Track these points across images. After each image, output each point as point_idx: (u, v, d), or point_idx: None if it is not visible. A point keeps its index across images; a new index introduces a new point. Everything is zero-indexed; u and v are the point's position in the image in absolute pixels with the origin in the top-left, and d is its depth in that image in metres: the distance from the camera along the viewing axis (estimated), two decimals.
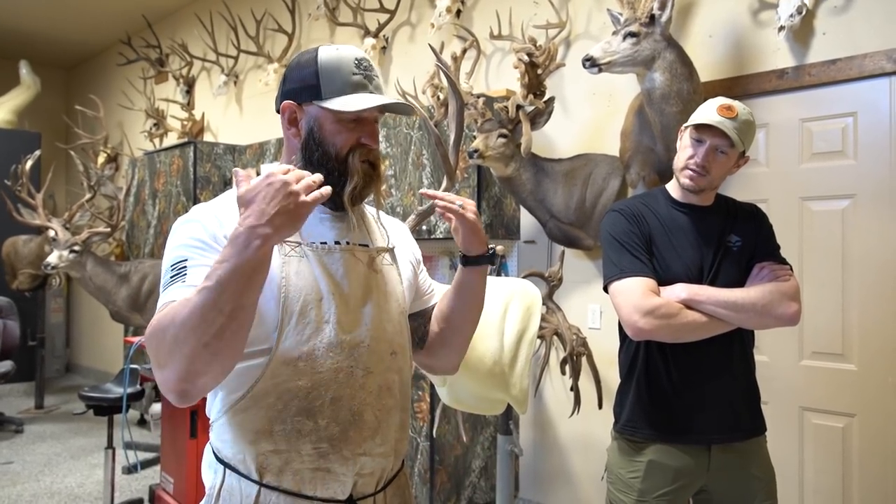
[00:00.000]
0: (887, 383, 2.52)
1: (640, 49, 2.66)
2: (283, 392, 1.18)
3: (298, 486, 1.20)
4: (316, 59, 1.25)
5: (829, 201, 2.68)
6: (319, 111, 1.25)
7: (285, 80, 1.30)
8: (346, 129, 1.25)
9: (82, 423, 5.75)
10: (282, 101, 1.29)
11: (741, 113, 1.77)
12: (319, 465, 1.20)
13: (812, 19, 2.69)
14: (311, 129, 1.25)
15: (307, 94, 1.25)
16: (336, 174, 1.24)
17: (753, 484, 1.83)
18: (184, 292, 1.07)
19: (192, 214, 1.22)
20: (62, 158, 7.63)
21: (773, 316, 1.76)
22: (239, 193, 1.05)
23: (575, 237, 3.28)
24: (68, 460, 4.85)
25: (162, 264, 1.18)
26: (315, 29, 5.02)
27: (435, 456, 3.37)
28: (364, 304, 1.28)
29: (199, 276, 1.07)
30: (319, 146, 1.25)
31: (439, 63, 1.93)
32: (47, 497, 4.12)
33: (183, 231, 1.19)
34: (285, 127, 1.29)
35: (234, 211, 1.13)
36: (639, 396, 1.86)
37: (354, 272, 1.28)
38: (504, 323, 2.27)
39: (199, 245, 1.16)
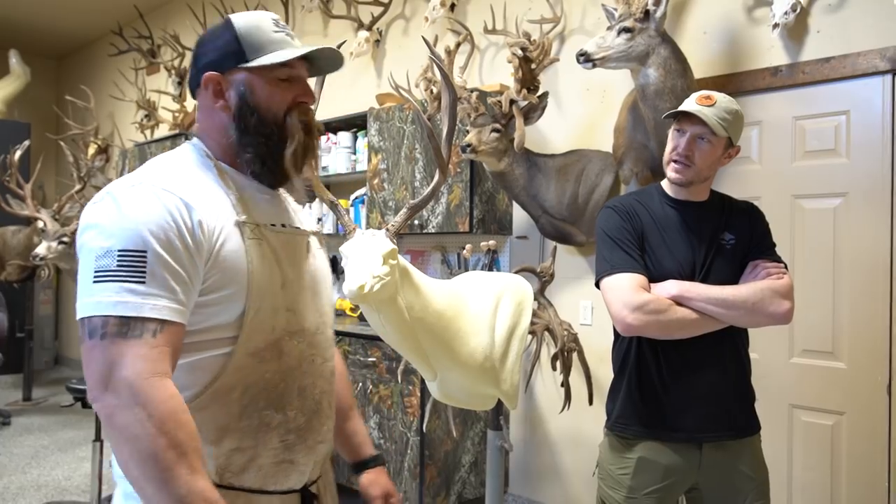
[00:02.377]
0: (876, 382, 2.53)
1: (634, 45, 2.65)
2: (250, 385, 1.12)
3: (260, 483, 1.14)
4: (231, 25, 1.19)
5: (821, 199, 2.69)
6: (248, 75, 1.17)
7: (198, 57, 1.21)
8: (279, 89, 1.19)
9: (70, 415, 5.72)
10: (199, 77, 1.19)
11: (720, 101, 1.77)
12: (284, 457, 1.16)
13: (806, 17, 2.69)
14: (243, 95, 1.17)
15: (230, 60, 1.17)
16: (275, 139, 1.19)
17: (745, 483, 1.83)
18: (158, 307, 0.99)
19: (151, 193, 1.05)
20: (52, 149, 7.57)
21: (764, 314, 1.76)
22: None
23: (567, 233, 3.27)
24: (56, 453, 4.82)
25: (91, 239, 1.02)
26: (308, 21, 4.99)
27: (425, 451, 3.37)
28: (311, 289, 1.25)
29: (163, 283, 1.00)
30: (255, 111, 1.17)
31: (433, 57, 1.91)
32: (34, 490, 4.10)
33: (138, 212, 1.03)
34: (209, 101, 1.19)
35: (202, 191, 1.11)
36: (629, 393, 1.86)
37: (299, 256, 1.25)
38: (495, 318, 2.27)
39: (162, 237, 1.02)
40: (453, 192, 3.53)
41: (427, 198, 1.84)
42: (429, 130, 1.83)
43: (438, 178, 1.86)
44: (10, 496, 3.99)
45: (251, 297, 1.11)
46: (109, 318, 0.97)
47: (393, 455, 3.45)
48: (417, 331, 1.99)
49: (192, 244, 1.05)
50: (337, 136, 4.35)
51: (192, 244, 1.05)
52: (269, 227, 1.20)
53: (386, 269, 1.68)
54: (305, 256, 1.27)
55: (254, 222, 1.16)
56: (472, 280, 2.36)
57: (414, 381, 3.36)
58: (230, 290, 1.10)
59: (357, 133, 4.29)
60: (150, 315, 0.99)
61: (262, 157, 1.19)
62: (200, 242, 1.07)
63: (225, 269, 1.10)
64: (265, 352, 1.13)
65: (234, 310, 1.10)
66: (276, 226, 1.21)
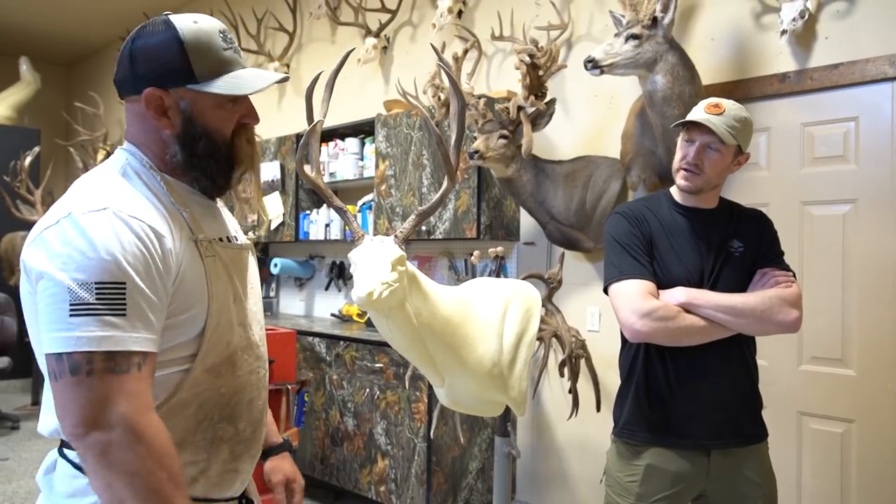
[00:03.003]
0: (886, 389, 2.52)
1: (642, 51, 2.65)
2: (206, 400, 1.12)
3: (206, 492, 1.15)
4: (176, 35, 1.10)
5: (830, 206, 2.68)
6: (196, 97, 1.12)
7: (133, 63, 1.12)
8: (226, 111, 1.16)
9: None
10: (137, 86, 1.12)
11: (729, 109, 1.77)
12: (231, 467, 1.18)
13: (815, 23, 2.69)
14: (190, 118, 1.12)
15: (175, 78, 1.10)
16: (224, 161, 1.17)
17: (753, 490, 1.82)
18: (140, 340, 0.98)
19: (119, 221, 1.01)
20: (61, 155, 7.62)
21: (772, 322, 1.75)
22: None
23: (575, 239, 3.27)
24: None
25: (57, 269, 0.96)
26: (316, 28, 5.01)
27: (432, 457, 3.36)
28: (254, 302, 1.27)
29: (143, 315, 0.99)
30: (203, 135, 1.14)
31: (441, 63, 1.91)
32: None
33: (110, 241, 0.99)
34: (146, 116, 1.13)
35: (158, 213, 1.08)
36: (637, 399, 1.86)
37: (244, 270, 1.25)
38: (503, 325, 2.27)
39: (139, 267, 1.00)
40: (461, 199, 3.54)
41: (436, 204, 1.85)
42: (437, 137, 1.84)
43: (447, 185, 1.86)
44: (20, 500, 4.01)
45: (211, 314, 1.11)
46: (94, 353, 0.95)
47: (400, 461, 3.45)
48: (425, 337, 1.99)
49: (164, 271, 1.05)
50: (344, 143, 4.37)
51: (164, 271, 1.05)
52: (218, 241, 1.19)
53: (394, 276, 1.69)
54: (247, 269, 1.28)
55: (207, 239, 1.16)
56: (480, 286, 2.36)
57: (421, 387, 3.36)
58: (194, 310, 1.10)
59: (364, 139, 4.31)
60: (135, 348, 0.98)
61: (211, 176, 1.18)
62: (169, 269, 1.06)
63: (189, 290, 1.09)
64: (220, 367, 1.14)
65: (195, 328, 1.10)
66: (223, 240, 1.22)
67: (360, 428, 3.67)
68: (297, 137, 4.49)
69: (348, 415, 3.74)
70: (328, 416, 3.86)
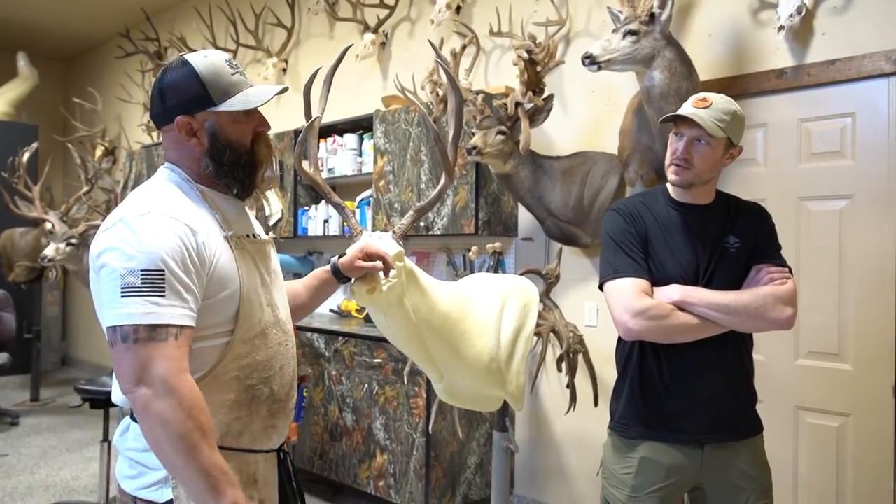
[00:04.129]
0: (882, 384, 2.53)
1: (639, 47, 2.65)
2: (245, 366, 1.35)
3: (250, 444, 1.39)
4: (192, 70, 1.35)
5: (826, 201, 2.69)
6: (217, 116, 1.37)
7: (164, 99, 1.38)
8: (243, 124, 1.41)
9: (78, 416, 5.75)
10: (170, 117, 1.37)
11: (717, 102, 1.78)
12: (269, 423, 1.42)
13: (812, 19, 2.69)
14: (215, 135, 1.38)
15: (197, 104, 1.36)
16: (248, 166, 1.42)
17: (748, 482, 1.83)
18: (177, 315, 1.21)
19: (162, 221, 1.26)
20: (60, 151, 7.61)
21: (766, 320, 1.76)
22: None
23: (573, 235, 3.28)
24: (64, 453, 4.85)
25: (114, 259, 1.21)
26: (314, 24, 5.01)
27: (430, 452, 3.38)
28: (278, 287, 1.51)
29: (179, 296, 1.22)
30: (228, 147, 1.39)
31: (439, 59, 1.92)
32: (42, 490, 4.12)
33: (154, 238, 1.23)
34: (181, 139, 1.38)
35: (196, 215, 1.33)
36: (632, 394, 1.87)
37: (267, 260, 1.49)
38: (501, 320, 2.28)
39: (176, 258, 1.24)
40: (459, 194, 3.54)
41: (433, 200, 1.86)
42: (435, 133, 1.85)
43: (445, 181, 1.87)
44: (19, 496, 4.02)
45: (243, 296, 1.35)
46: (139, 326, 1.19)
47: (399, 456, 3.46)
48: (423, 332, 2.00)
49: (198, 261, 1.28)
50: (343, 138, 4.37)
51: (198, 261, 1.28)
52: (246, 237, 1.44)
53: (392, 272, 1.70)
54: (271, 260, 1.52)
55: (237, 235, 1.41)
56: (478, 282, 2.37)
57: (419, 382, 3.37)
58: (226, 292, 1.33)
59: (363, 135, 4.31)
60: (172, 322, 1.21)
61: (240, 180, 1.43)
62: (203, 259, 1.29)
63: (221, 277, 1.33)
64: (255, 339, 1.37)
65: (231, 308, 1.34)
66: (249, 236, 1.46)
67: (358, 423, 3.69)
68: (296, 133, 4.49)
69: (347, 410, 3.75)
70: (327, 411, 3.87)
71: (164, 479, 1.29)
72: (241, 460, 1.36)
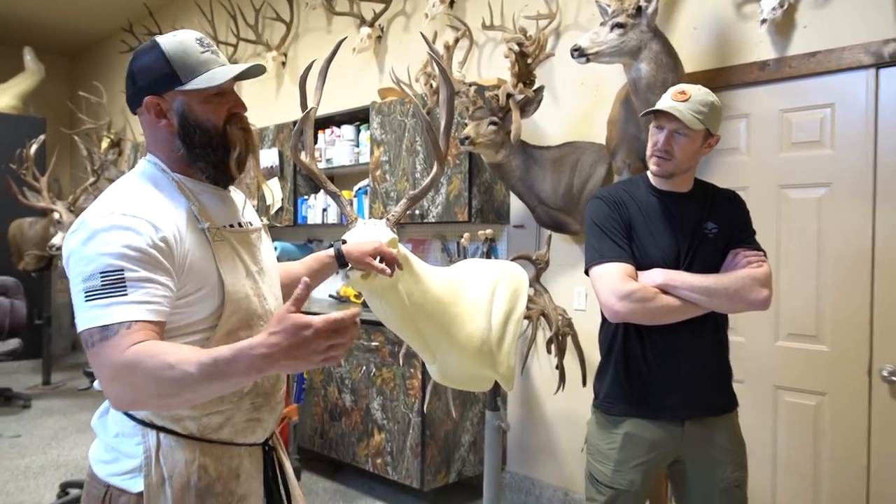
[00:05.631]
0: (858, 364, 2.55)
1: (626, 40, 2.65)
2: None
3: (232, 437, 1.31)
4: (160, 50, 1.26)
5: (806, 189, 2.69)
6: (184, 95, 1.27)
7: (134, 81, 1.29)
8: (214, 105, 1.30)
9: (87, 398, 5.77)
10: (140, 98, 1.28)
11: (695, 95, 1.78)
12: (253, 416, 1.34)
13: (793, 13, 2.69)
14: (183, 114, 1.28)
15: (164, 84, 1.26)
16: (220, 148, 1.31)
17: (724, 455, 1.86)
18: (128, 312, 1.11)
19: (122, 220, 1.17)
20: (66, 143, 7.57)
21: (744, 301, 1.78)
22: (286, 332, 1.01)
23: (562, 222, 3.28)
24: (74, 434, 4.87)
25: (77, 264, 1.14)
26: (312, 18, 4.98)
27: (426, 431, 3.40)
28: (267, 276, 1.40)
29: (139, 292, 1.13)
30: (197, 127, 1.28)
31: (431, 53, 1.92)
32: (54, 469, 4.14)
33: (112, 238, 1.14)
34: (152, 121, 1.29)
35: (164, 210, 1.22)
36: (616, 374, 1.88)
37: (253, 249, 1.39)
38: (492, 304, 2.29)
39: (136, 255, 1.14)
40: (453, 183, 3.54)
41: (425, 189, 1.86)
42: (426, 124, 1.85)
43: (436, 170, 1.87)
44: (32, 474, 4.04)
45: (226, 287, 1.25)
46: (94, 329, 1.11)
47: (395, 435, 3.48)
48: (417, 316, 2.01)
49: (160, 255, 1.17)
50: (340, 129, 4.36)
51: (160, 255, 1.17)
52: (227, 227, 1.34)
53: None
54: (259, 248, 1.41)
55: (215, 226, 1.30)
56: (470, 267, 2.37)
57: (415, 364, 3.38)
58: (205, 289, 1.24)
59: (360, 126, 4.30)
60: (123, 319, 1.10)
61: (213, 164, 1.32)
62: (168, 253, 1.19)
63: (198, 271, 1.23)
64: (239, 331, 1.27)
65: (212, 304, 1.25)
66: (232, 226, 1.36)
67: (357, 404, 3.70)
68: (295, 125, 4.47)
69: (346, 391, 3.77)
70: (327, 392, 3.89)
71: (139, 467, 1.23)
72: (223, 453, 1.29)
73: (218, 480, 1.28)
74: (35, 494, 3.74)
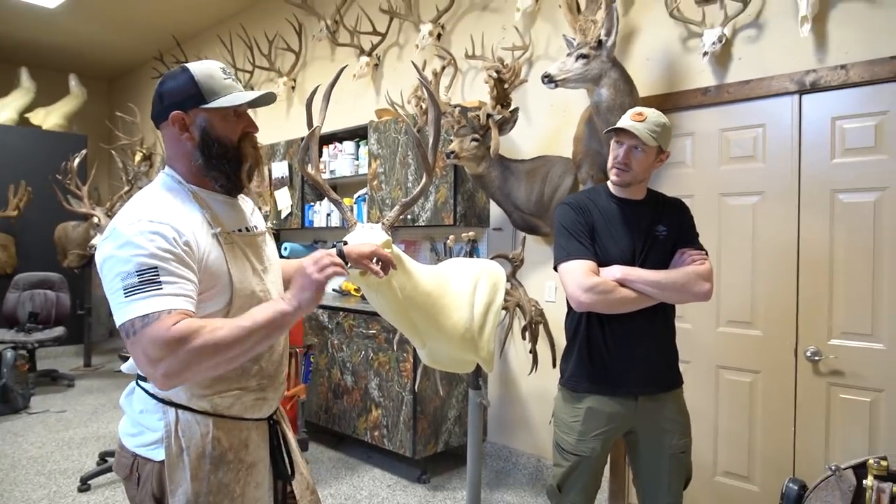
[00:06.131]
0: (785, 346, 2.57)
1: (589, 68, 2.65)
2: None
3: (241, 413, 1.31)
4: (189, 73, 1.27)
5: (742, 197, 2.70)
6: (208, 113, 1.27)
7: (162, 98, 1.28)
8: (231, 123, 1.30)
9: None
10: (166, 114, 1.27)
11: (650, 116, 1.79)
12: (259, 396, 1.34)
13: (730, 46, 2.70)
14: (205, 130, 1.27)
15: (190, 102, 1.26)
16: (234, 161, 1.31)
17: (671, 426, 1.86)
18: (166, 302, 1.11)
19: (149, 226, 1.16)
20: (105, 157, 7.50)
21: (690, 293, 1.78)
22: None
23: (535, 225, 3.28)
24: (111, 409, 4.81)
25: (113, 266, 1.13)
26: (318, 48, 4.95)
27: (417, 407, 3.38)
28: (272, 274, 1.40)
29: (173, 287, 1.13)
30: (216, 141, 1.28)
31: (421, 79, 1.90)
32: (94, 440, 4.09)
33: (144, 241, 1.14)
34: (176, 134, 1.28)
35: (182, 216, 1.22)
36: (580, 356, 1.88)
37: (259, 251, 1.38)
38: (474, 297, 2.28)
39: (167, 255, 1.14)
40: (440, 192, 3.53)
41: (415, 197, 1.84)
42: (416, 140, 1.83)
43: (425, 181, 1.86)
44: (76, 445, 3.99)
45: (234, 284, 1.25)
46: (134, 319, 1.10)
47: (390, 410, 3.47)
48: (409, 307, 2.00)
49: (185, 256, 1.18)
50: (342, 145, 4.33)
51: (185, 256, 1.18)
52: (236, 232, 1.33)
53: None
54: (264, 249, 1.41)
55: (226, 231, 1.30)
56: (455, 265, 2.36)
57: (407, 349, 3.37)
58: (217, 287, 1.24)
59: (359, 142, 4.27)
60: (163, 308, 1.11)
61: (226, 174, 1.31)
62: (191, 254, 1.19)
63: (213, 273, 1.23)
64: None
65: (223, 299, 1.25)
66: (241, 230, 1.35)
67: (357, 384, 3.68)
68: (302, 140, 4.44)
69: (347, 373, 3.75)
70: (330, 374, 3.87)
71: (160, 439, 1.24)
72: (234, 427, 1.30)
73: (229, 450, 1.28)
74: (78, 462, 3.70)
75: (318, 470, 3.58)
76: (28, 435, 4.19)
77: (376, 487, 3.35)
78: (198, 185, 1.32)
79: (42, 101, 7.08)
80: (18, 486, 3.34)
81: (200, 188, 1.32)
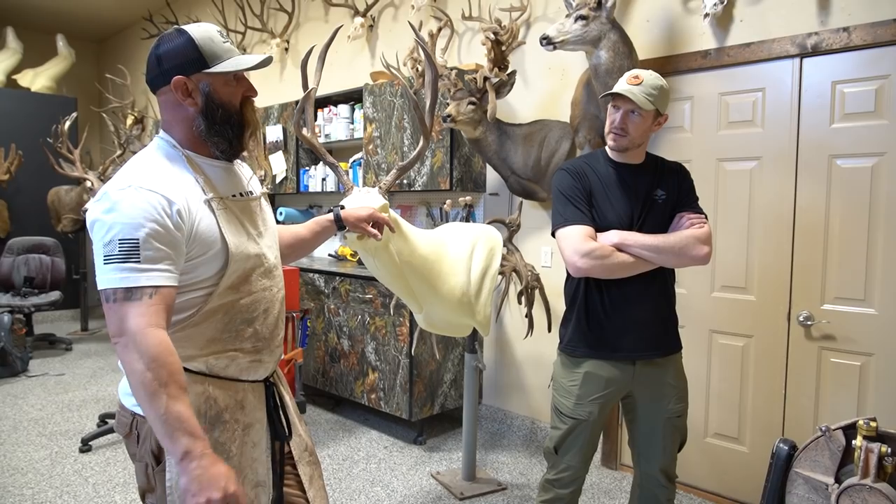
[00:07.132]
0: (778, 311, 2.58)
1: (588, 30, 2.59)
2: (229, 308, 1.27)
3: (237, 374, 1.32)
4: (189, 36, 1.23)
5: (740, 162, 2.69)
6: (211, 78, 1.24)
7: (160, 62, 1.24)
8: (233, 87, 1.28)
9: None
10: (166, 79, 1.23)
11: (647, 79, 1.75)
12: (255, 358, 1.33)
13: (732, 8, 2.64)
14: (209, 94, 1.25)
15: (192, 66, 1.23)
16: (237, 126, 1.29)
17: (669, 390, 1.87)
18: (145, 278, 1.11)
19: (139, 193, 1.15)
20: (96, 120, 7.38)
21: (688, 257, 1.77)
22: None
23: (532, 190, 3.26)
24: (110, 373, 4.84)
25: (99, 230, 1.13)
26: (311, 8, 4.83)
27: (413, 370, 3.41)
28: (268, 237, 1.39)
29: (149, 261, 1.12)
30: (220, 106, 1.26)
31: (418, 39, 1.86)
32: (93, 402, 4.12)
33: (131, 208, 1.13)
34: (177, 99, 1.24)
35: (176, 183, 1.20)
36: (578, 321, 1.88)
37: (254, 215, 1.37)
38: (471, 261, 2.27)
39: (152, 225, 1.13)
40: (436, 156, 3.49)
41: (412, 160, 1.82)
42: (414, 103, 1.80)
43: (422, 144, 1.84)
44: (76, 407, 4.02)
45: (230, 248, 1.24)
46: (117, 289, 1.11)
47: (387, 374, 3.50)
48: (406, 272, 1.99)
49: (174, 227, 1.16)
50: (337, 108, 4.26)
51: (174, 227, 1.16)
52: (230, 197, 1.31)
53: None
54: (259, 214, 1.39)
55: (219, 197, 1.28)
56: (452, 230, 2.35)
57: (404, 313, 3.38)
58: (212, 252, 1.23)
59: (354, 105, 4.20)
60: (146, 284, 1.12)
61: (228, 139, 1.29)
62: (179, 226, 1.18)
63: (204, 239, 1.22)
64: (239, 284, 1.28)
65: (218, 264, 1.24)
66: (235, 196, 1.33)
67: (353, 347, 3.71)
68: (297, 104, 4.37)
69: (344, 337, 3.77)
70: (327, 338, 3.89)
71: None
72: (230, 387, 1.30)
73: (226, 410, 1.29)
74: (78, 424, 3.73)
75: (315, 432, 3.63)
76: (28, 397, 4.21)
77: (373, 449, 3.40)
78: (194, 150, 1.29)
79: (29, 63, 6.92)
80: (21, 446, 3.38)
81: (196, 153, 1.29)
